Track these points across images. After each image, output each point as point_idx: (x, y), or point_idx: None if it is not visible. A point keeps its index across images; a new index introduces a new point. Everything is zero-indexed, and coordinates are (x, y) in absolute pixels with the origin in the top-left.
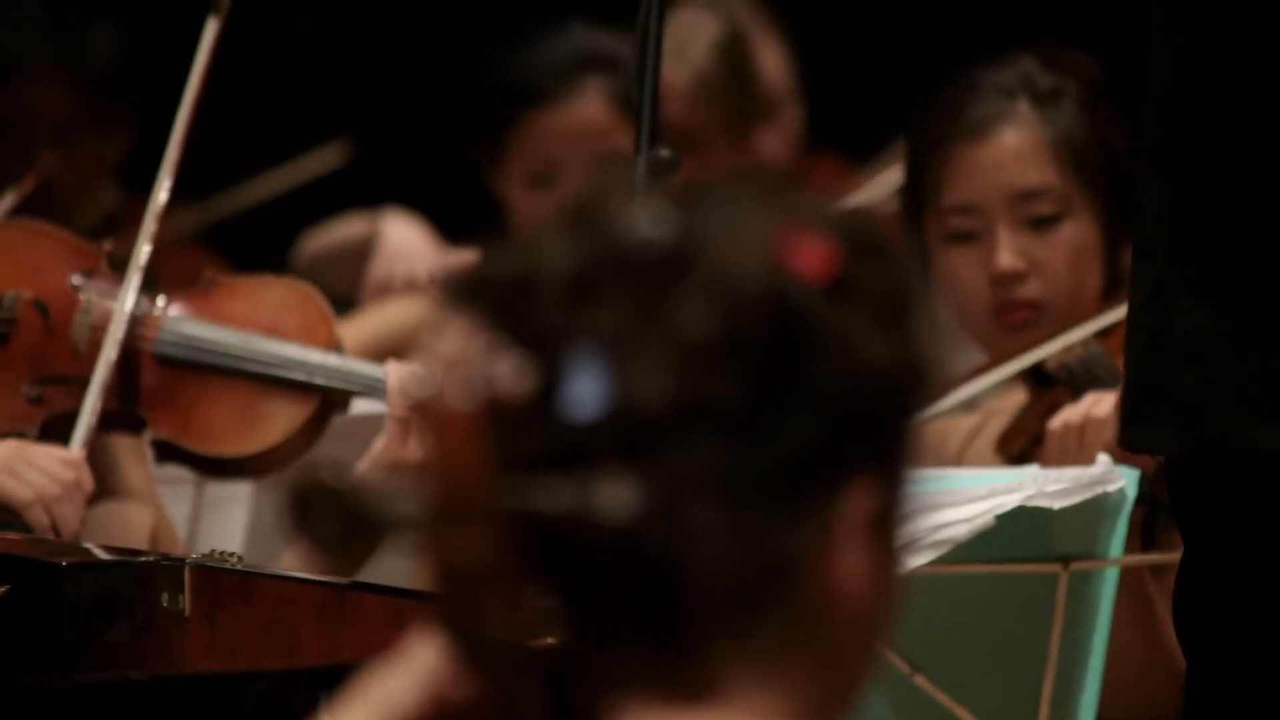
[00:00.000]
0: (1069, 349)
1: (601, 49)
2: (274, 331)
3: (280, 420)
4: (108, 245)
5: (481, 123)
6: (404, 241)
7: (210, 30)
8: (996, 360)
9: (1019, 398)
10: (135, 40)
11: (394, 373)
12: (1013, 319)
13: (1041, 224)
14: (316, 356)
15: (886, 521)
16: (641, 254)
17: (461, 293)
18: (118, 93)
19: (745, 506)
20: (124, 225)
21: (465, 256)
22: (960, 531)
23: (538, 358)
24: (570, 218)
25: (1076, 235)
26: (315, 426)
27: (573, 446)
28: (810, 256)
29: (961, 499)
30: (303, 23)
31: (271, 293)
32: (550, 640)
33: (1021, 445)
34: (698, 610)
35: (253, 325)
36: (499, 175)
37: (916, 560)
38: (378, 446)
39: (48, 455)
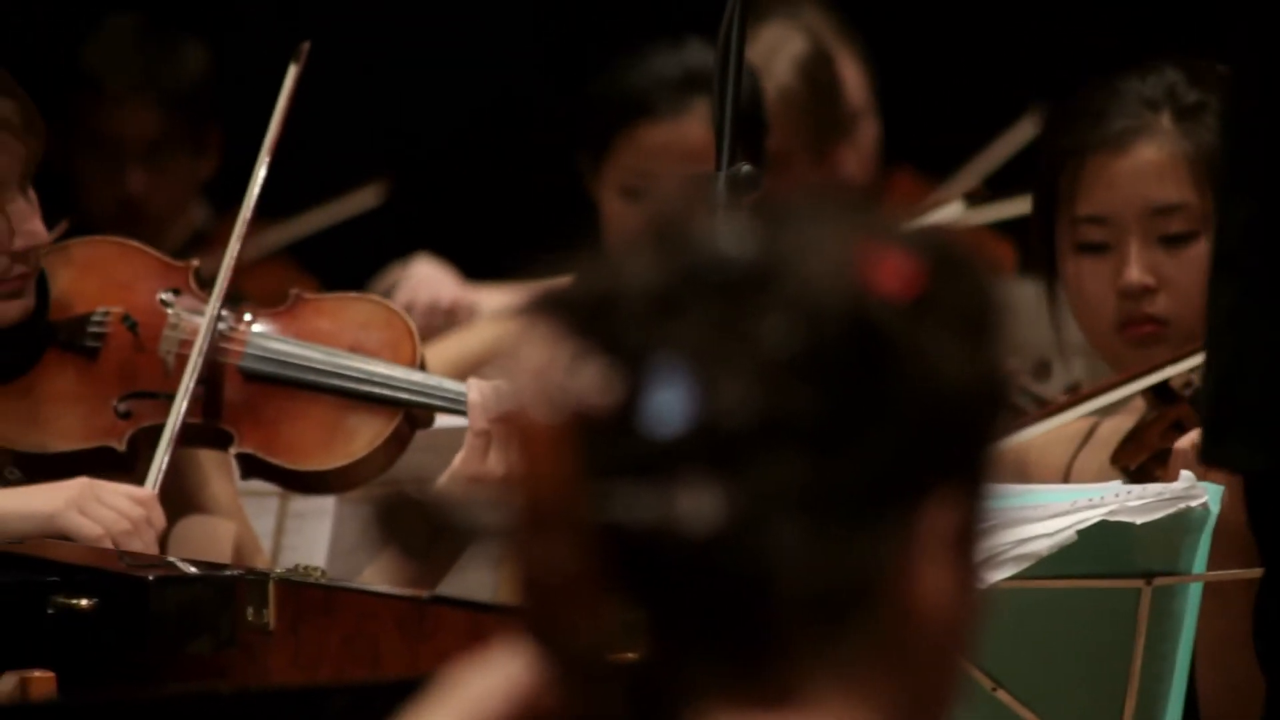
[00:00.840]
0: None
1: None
2: (358, 348)
3: (364, 435)
4: (195, 263)
5: (588, 128)
6: (427, 273)
7: (290, 77)
8: (1119, 373)
9: (1133, 409)
10: (223, 63)
11: (475, 388)
12: (1138, 333)
13: (1174, 241)
14: (400, 372)
15: (967, 536)
16: (724, 270)
17: (546, 308)
18: (206, 113)
19: (828, 520)
20: (212, 242)
21: (491, 291)
22: (1042, 546)
23: (622, 372)
24: (653, 234)
25: (1208, 254)
26: (398, 441)
27: (657, 459)
28: (892, 273)
29: (1043, 514)
30: (341, 65)
31: (356, 309)
32: (634, 651)
33: (1141, 460)
34: (781, 622)
35: (338, 342)
36: (597, 183)
37: (998, 575)
38: (458, 461)
39: (118, 492)
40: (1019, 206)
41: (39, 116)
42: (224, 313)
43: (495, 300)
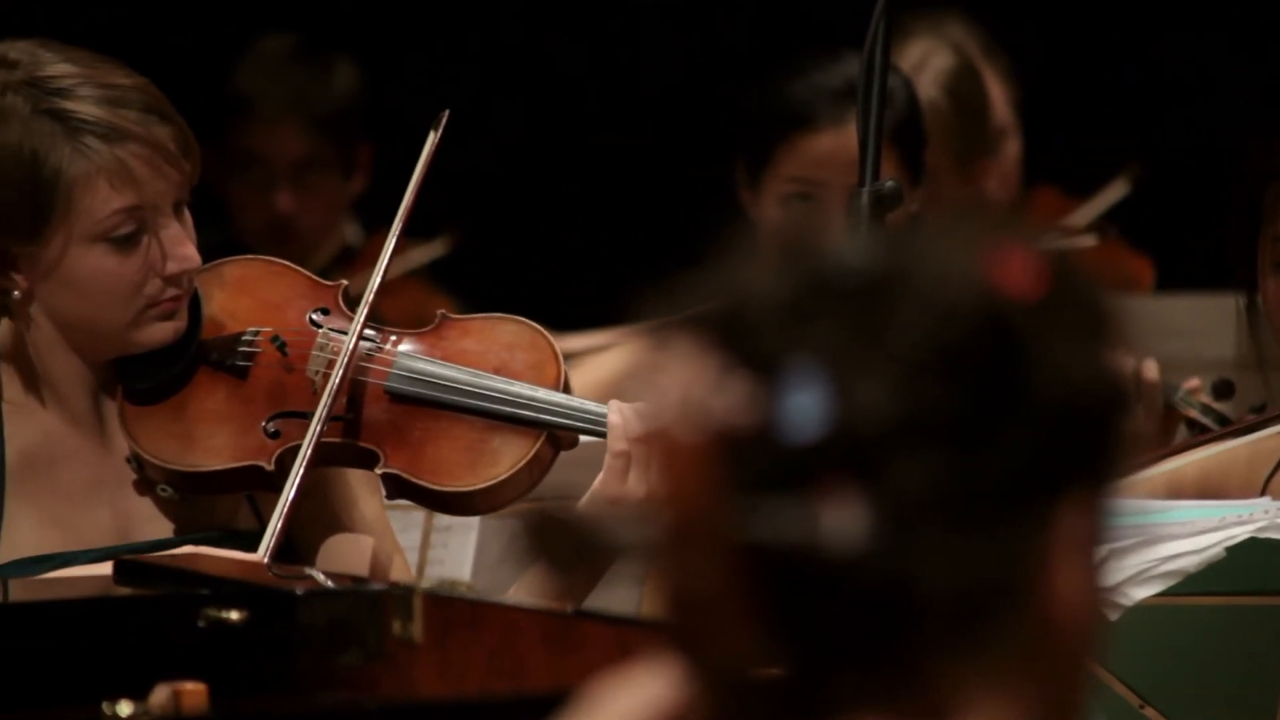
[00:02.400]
0: None
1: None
2: (503, 369)
3: (507, 457)
4: (344, 283)
5: (748, 140)
6: None
7: (429, 144)
8: None
9: None
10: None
11: (615, 409)
12: None
13: None
14: (543, 394)
15: (1096, 540)
16: (852, 275)
17: (680, 325)
18: (357, 133)
19: (967, 523)
20: (361, 260)
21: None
22: (1190, 563)
23: (757, 382)
24: (779, 248)
25: None
26: (541, 463)
27: (796, 469)
28: (1019, 272)
29: (1191, 530)
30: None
31: (502, 330)
32: (781, 665)
33: None
34: (923, 629)
35: (483, 363)
36: (755, 195)
37: (1146, 591)
38: (598, 482)
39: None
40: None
41: (194, 141)
42: (371, 333)
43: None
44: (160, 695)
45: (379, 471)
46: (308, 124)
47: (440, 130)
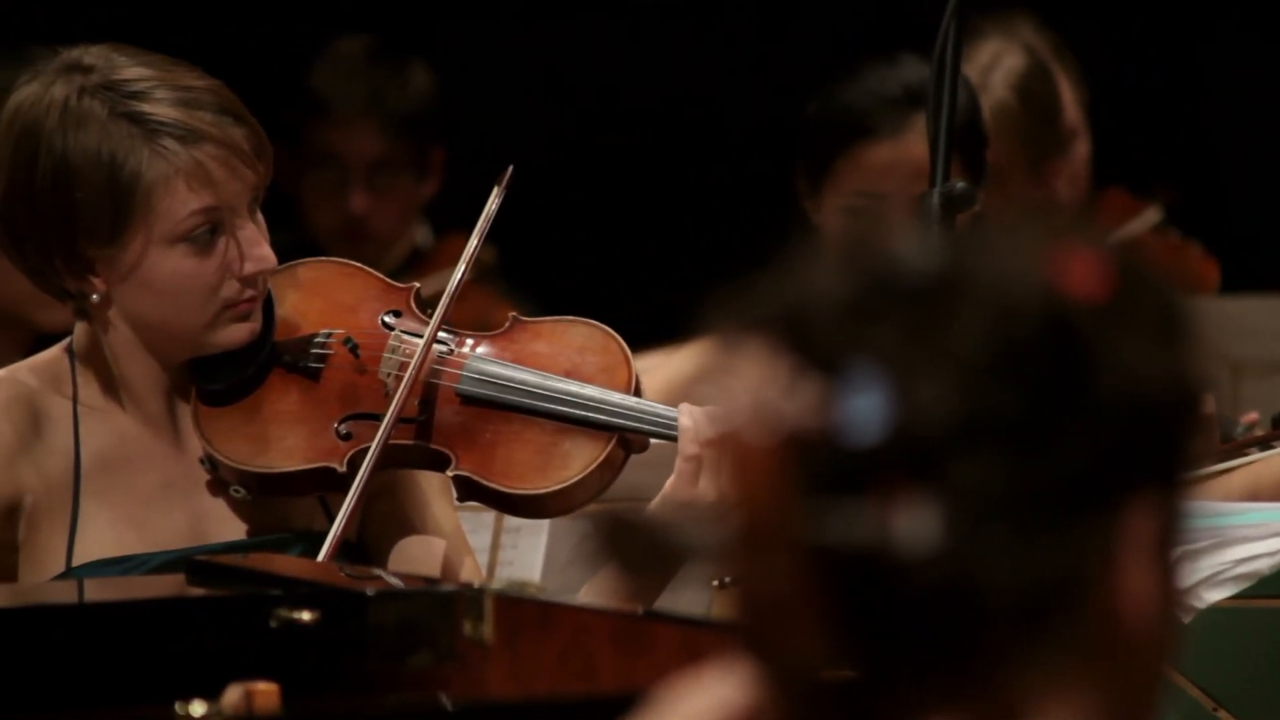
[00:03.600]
0: None
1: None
2: (574, 372)
3: (578, 459)
4: (417, 285)
5: (808, 151)
6: None
7: (493, 200)
8: None
9: None
10: (446, 88)
11: (686, 413)
12: None
13: None
14: (614, 397)
15: (1167, 541)
16: (914, 275)
17: (747, 326)
18: (431, 135)
19: (1032, 524)
20: (432, 261)
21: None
22: (1264, 565)
23: (822, 384)
24: (840, 249)
25: None
26: (612, 466)
27: (861, 471)
28: (1083, 273)
29: (1265, 532)
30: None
31: (573, 333)
32: (850, 668)
33: None
34: (992, 631)
35: (554, 366)
36: (817, 205)
37: (1219, 594)
38: (668, 485)
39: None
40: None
41: (268, 142)
42: (444, 336)
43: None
44: (233, 695)
45: (450, 474)
46: (383, 125)
47: (504, 187)
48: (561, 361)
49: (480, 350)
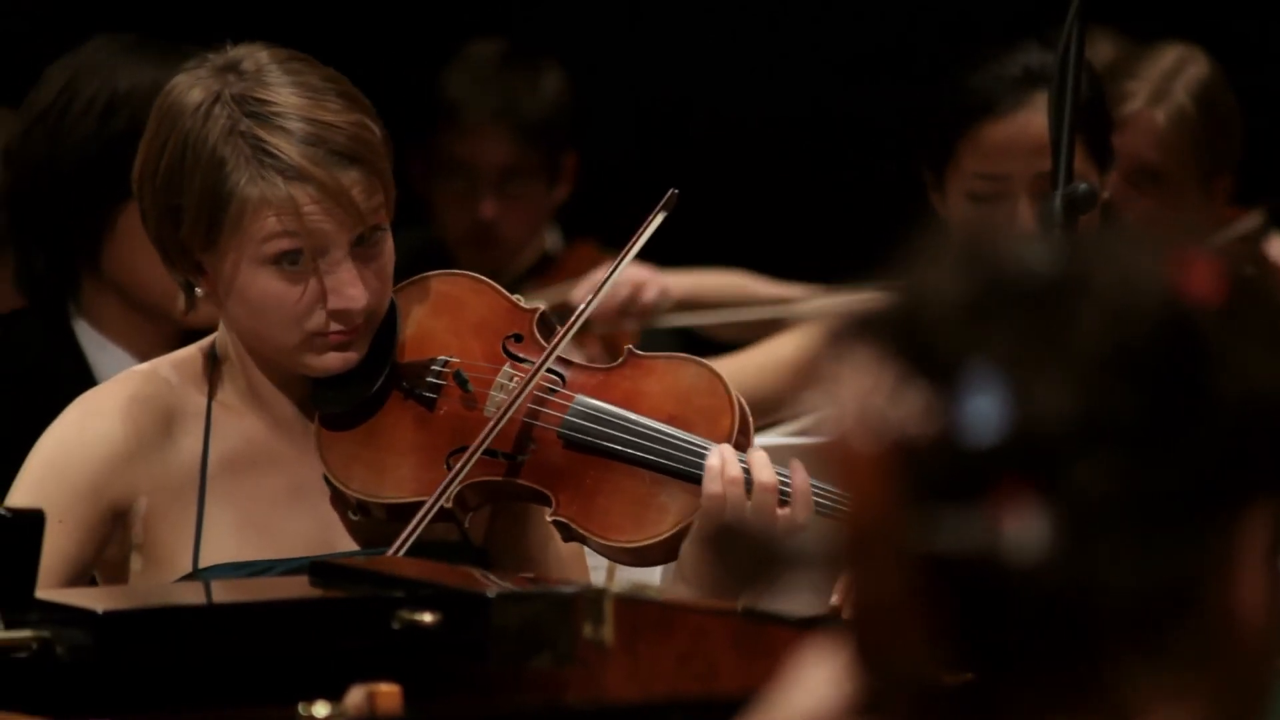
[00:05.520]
0: None
1: (1053, 64)
2: (677, 417)
3: (673, 513)
4: (541, 306)
5: (930, 135)
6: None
7: (655, 221)
8: None
9: None
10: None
11: (715, 452)
12: None
13: None
14: (667, 430)
15: (1277, 547)
16: (1031, 277)
17: (856, 329)
18: (562, 141)
19: (1149, 528)
20: (558, 269)
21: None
22: None
23: (938, 386)
24: (955, 250)
25: None
26: None
27: (976, 473)
28: (1203, 277)
29: None
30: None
31: (683, 374)
32: (962, 672)
33: None
34: (1105, 635)
35: (659, 409)
36: (943, 192)
37: None
38: (695, 523)
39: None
40: None
41: (387, 178)
42: (554, 370)
43: (684, 283)
44: (355, 697)
45: (549, 518)
46: (514, 132)
47: (668, 210)
48: (667, 405)
49: (587, 388)
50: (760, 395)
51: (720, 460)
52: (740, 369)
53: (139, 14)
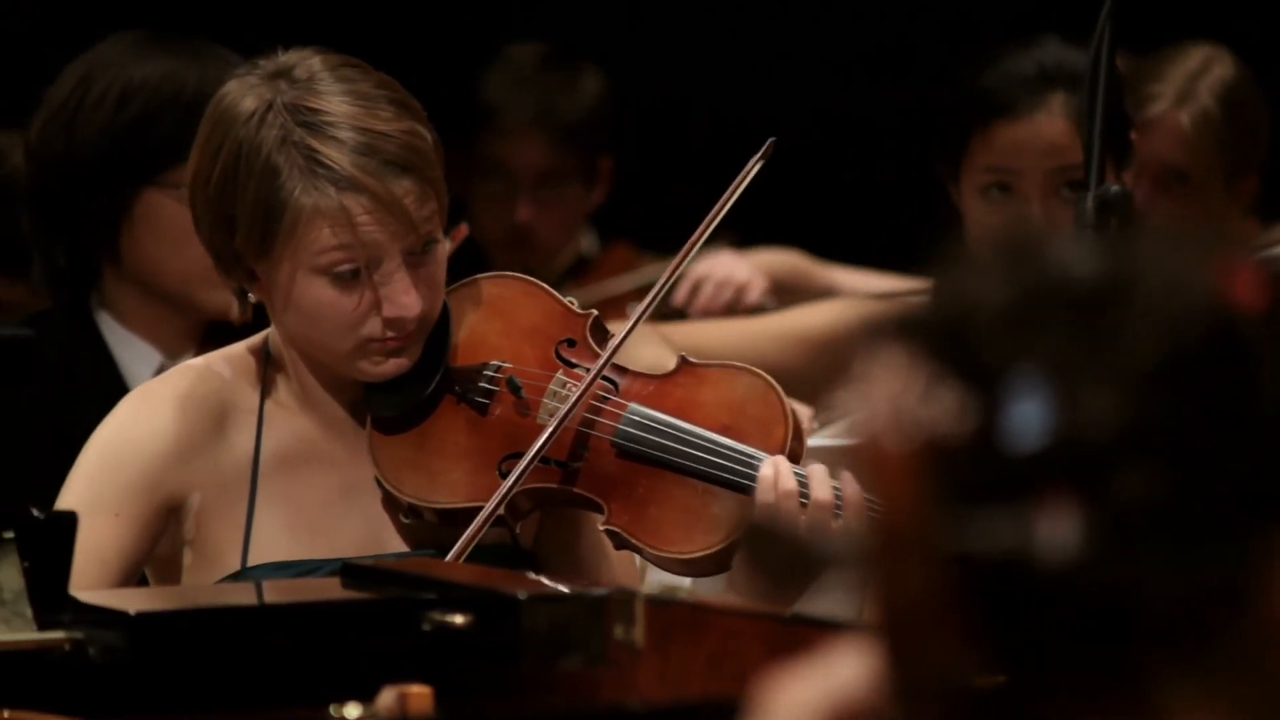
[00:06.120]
0: None
1: (1069, 63)
2: (731, 427)
3: (725, 525)
4: (594, 313)
5: (945, 131)
6: (727, 257)
7: (751, 167)
8: None
9: None
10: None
11: (769, 463)
12: None
13: None
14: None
15: None
16: (1078, 283)
17: (899, 330)
18: (600, 144)
19: (1189, 535)
20: (594, 271)
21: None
22: None
23: (979, 390)
24: (1000, 253)
25: None
26: None
27: (1017, 479)
28: (1248, 283)
29: None
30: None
31: (737, 383)
32: (993, 675)
33: None
34: (1142, 641)
35: (713, 419)
36: (958, 189)
37: None
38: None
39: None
40: None
41: (439, 186)
42: (608, 378)
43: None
44: (387, 698)
45: (601, 527)
46: (552, 136)
47: (765, 158)
48: (721, 415)
49: (641, 397)
50: (771, 365)
51: (774, 471)
52: (756, 336)
53: (145, 14)
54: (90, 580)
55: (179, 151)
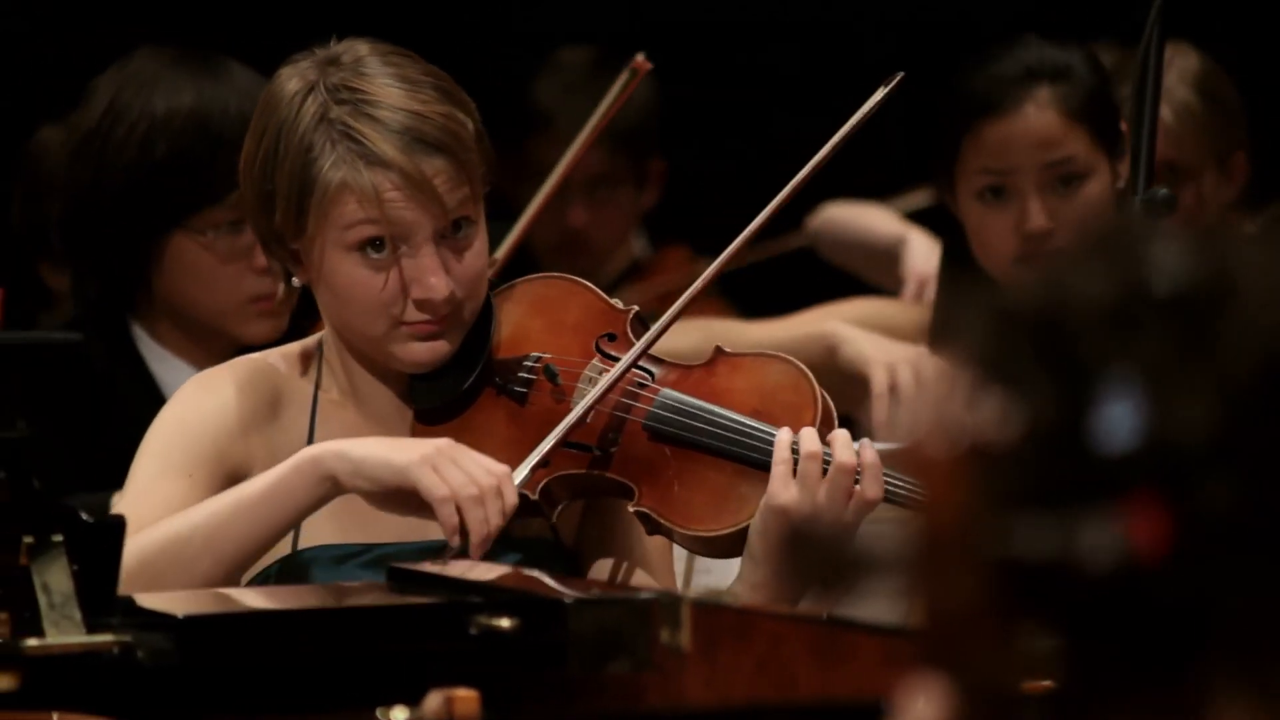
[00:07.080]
0: None
1: (1051, 58)
2: (762, 411)
3: (752, 503)
4: (635, 309)
5: (936, 138)
6: (930, 253)
7: (877, 100)
8: None
9: None
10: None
11: (785, 429)
12: None
13: None
14: (735, 417)
15: None
16: (1179, 285)
17: (991, 323)
18: (651, 147)
19: (1269, 548)
20: (647, 274)
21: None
22: None
23: (1070, 385)
24: (1099, 249)
25: None
26: None
27: (1104, 477)
28: None
29: None
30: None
31: (770, 371)
32: (1047, 679)
33: None
34: (1211, 654)
35: (744, 404)
36: (954, 194)
37: None
38: (766, 493)
39: (474, 459)
40: None
41: (473, 169)
42: (642, 368)
43: None
44: (434, 702)
45: (631, 509)
46: (604, 140)
47: (892, 88)
48: (751, 400)
49: (675, 383)
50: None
51: (789, 435)
52: (775, 336)
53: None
54: None
55: (207, 194)
